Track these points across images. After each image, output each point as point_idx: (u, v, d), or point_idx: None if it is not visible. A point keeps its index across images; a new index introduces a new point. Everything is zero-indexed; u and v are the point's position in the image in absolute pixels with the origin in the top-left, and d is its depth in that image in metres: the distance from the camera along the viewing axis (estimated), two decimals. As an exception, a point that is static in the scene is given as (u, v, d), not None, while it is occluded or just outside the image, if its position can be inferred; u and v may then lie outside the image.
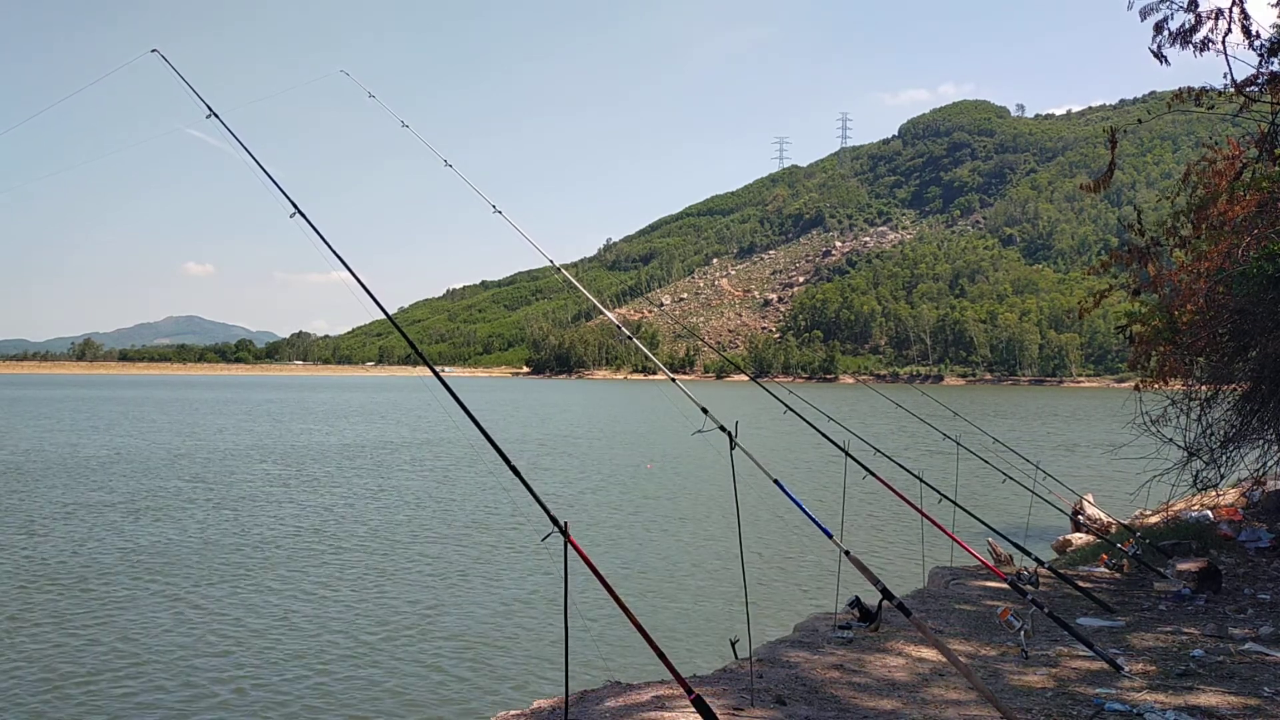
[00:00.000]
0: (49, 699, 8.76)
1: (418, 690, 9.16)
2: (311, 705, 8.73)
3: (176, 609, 11.87)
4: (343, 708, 8.69)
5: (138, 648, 10.25)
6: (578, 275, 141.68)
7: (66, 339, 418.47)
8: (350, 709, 8.66)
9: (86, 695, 8.86)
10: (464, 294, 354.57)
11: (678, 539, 17.22)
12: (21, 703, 8.66)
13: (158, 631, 10.87)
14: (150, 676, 9.38)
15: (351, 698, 8.92)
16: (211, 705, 8.70)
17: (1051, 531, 15.44)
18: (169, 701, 8.77)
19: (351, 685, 9.24)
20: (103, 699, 8.80)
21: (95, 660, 9.82)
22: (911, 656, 6.54)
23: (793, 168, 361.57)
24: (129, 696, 8.87)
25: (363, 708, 8.69)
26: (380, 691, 9.08)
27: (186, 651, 10.17)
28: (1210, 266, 9.75)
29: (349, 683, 9.31)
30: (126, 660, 9.84)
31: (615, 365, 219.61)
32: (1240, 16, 7.93)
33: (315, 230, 4.87)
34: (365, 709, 8.67)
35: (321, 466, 28.18)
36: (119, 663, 9.75)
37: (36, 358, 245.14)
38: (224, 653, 10.15)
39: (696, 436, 5.45)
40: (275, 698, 8.89)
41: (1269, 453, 10.53)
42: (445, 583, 13.53)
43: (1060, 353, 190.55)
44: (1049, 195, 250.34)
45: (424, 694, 9.07)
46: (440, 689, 9.22)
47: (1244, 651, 6.55)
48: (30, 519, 17.94)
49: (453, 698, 8.99)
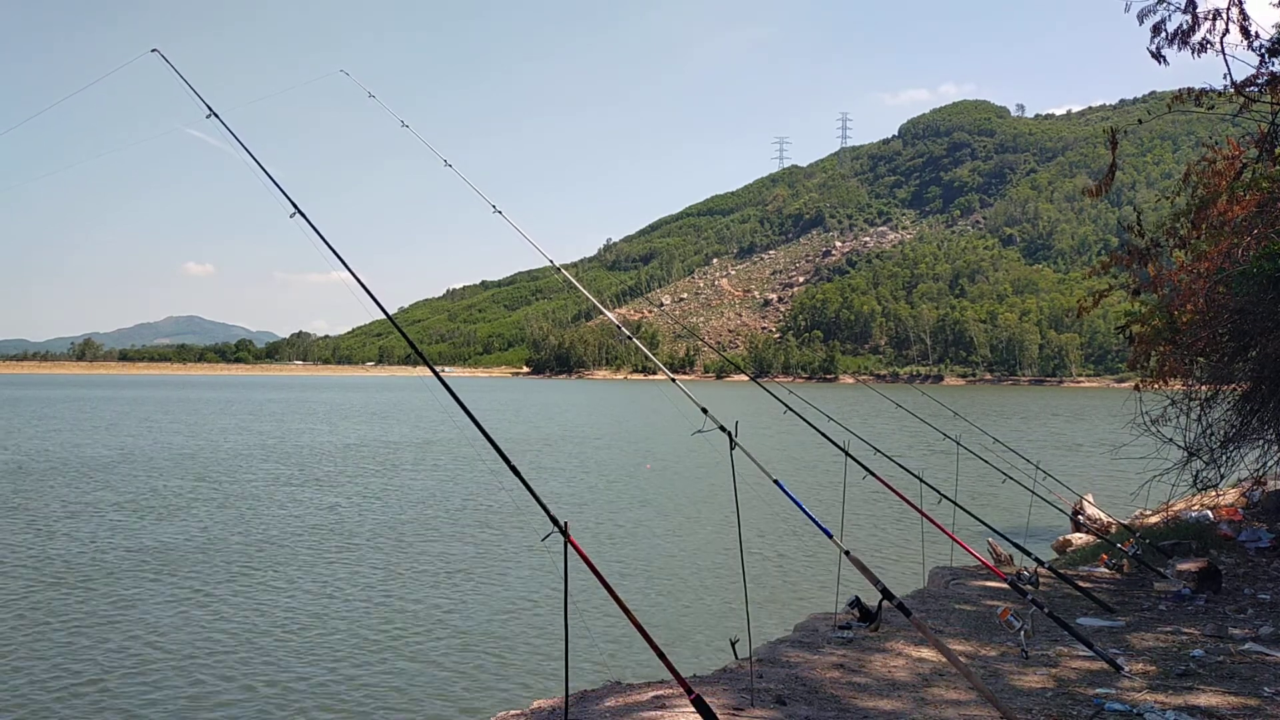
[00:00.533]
0: (61, 696, 8.77)
1: (418, 689, 9.16)
2: (312, 703, 8.74)
3: (181, 608, 11.87)
4: (343, 706, 8.69)
5: (143, 645, 10.25)
6: (578, 275, 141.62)
7: (66, 339, 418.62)
8: (350, 708, 8.67)
9: (98, 694, 8.87)
10: (464, 294, 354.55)
11: (678, 539, 17.22)
12: (29, 701, 8.66)
13: (163, 630, 10.87)
14: (153, 676, 9.38)
15: (351, 696, 8.92)
16: (215, 703, 8.70)
17: (1051, 531, 15.44)
18: (174, 699, 8.77)
19: (351, 684, 9.24)
20: (110, 697, 8.80)
21: (104, 659, 9.82)
22: (911, 656, 6.54)
23: (793, 168, 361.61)
24: (136, 695, 8.87)
25: (363, 706, 8.70)
26: (381, 690, 9.09)
27: (189, 650, 10.17)
28: (1210, 266, 9.75)
29: (349, 682, 9.31)
30: (133, 658, 9.84)
31: (615, 365, 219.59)
32: (1239, 17, 7.93)
33: (315, 230, 4.87)
34: (365, 708, 8.67)
35: (322, 466, 28.18)
36: (127, 661, 9.75)
37: (36, 358, 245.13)
38: (226, 651, 10.15)
39: (696, 436, 5.45)
40: (276, 696, 8.89)
41: (1269, 453, 10.54)
42: (446, 582, 13.54)
43: (1060, 353, 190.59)
44: (1049, 195, 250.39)
45: (424, 693, 9.07)
46: (440, 688, 9.22)
47: (1244, 651, 6.55)
48: (34, 518, 17.94)
49: (453, 697, 9.00)
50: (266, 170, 5.19)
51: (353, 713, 8.60)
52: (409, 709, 8.69)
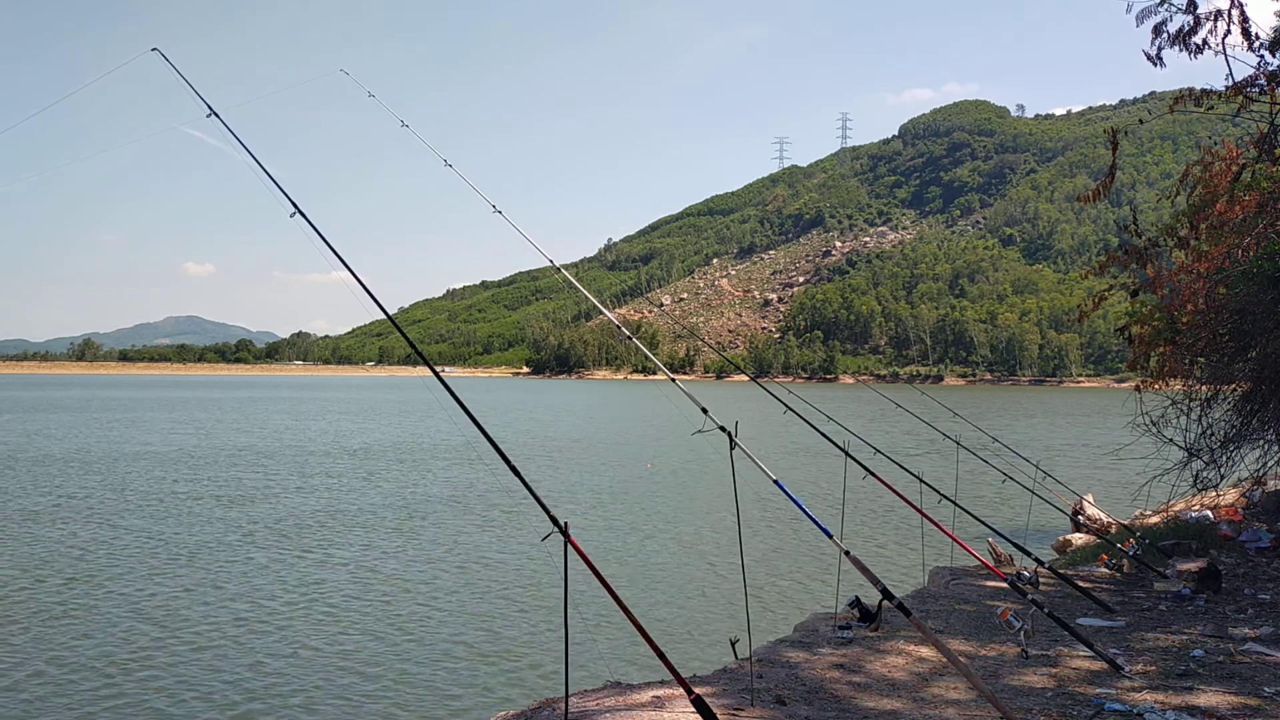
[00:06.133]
0: (69, 691, 8.78)
1: (418, 689, 9.16)
2: (311, 703, 8.73)
3: (185, 608, 11.87)
4: (342, 706, 8.69)
5: (147, 642, 10.26)
6: (578, 275, 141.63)
7: (66, 339, 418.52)
8: (350, 707, 8.67)
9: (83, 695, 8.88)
10: (464, 294, 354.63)
11: (678, 539, 17.22)
12: (33, 695, 8.67)
13: (164, 629, 10.88)
14: (156, 674, 9.39)
15: (351, 696, 8.92)
16: (213, 704, 8.70)
17: (1051, 531, 15.44)
18: (177, 698, 8.77)
19: (351, 683, 9.24)
20: (101, 699, 8.80)
21: (85, 660, 9.83)
22: (911, 656, 6.54)
23: (793, 168, 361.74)
24: (135, 694, 8.88)
25: (363, 706, 8.69)
26: (380, 690, 9.09)
27: (190, 650, 10.17)
28: (1210, 267, 9.75)
29: (349, 681, 9.31)
30: (136, 660, 9.85)
31: (615, 365, 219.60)
32: (1239, 18, 7.92)
33: (315, 230, 4.87)
34: (365, 707, 8.67)
35: (324, 466, 28.18)
36: (127, 663, 9.76)
37: (36, 358, 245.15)
38: (224, 652, 10.15)
39: (696, 436, 5.45)
40: (275, 696, 8.89)
41: (1269, 453, 10.54)
42: (445, 582, 13.54)
43: (1060, 353, 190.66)
44: (1049, 195, 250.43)
45: (424, 693, 9.07)
46: (440, 688, 9.22)
47: (1244, 651, 6.55)
48: (33, 515, 17.96)
49: (453, 697, 9.00)
50: (266, 170, 5.20)
51: (353, 712, 8.59)
52: (409, 709, 8.69)
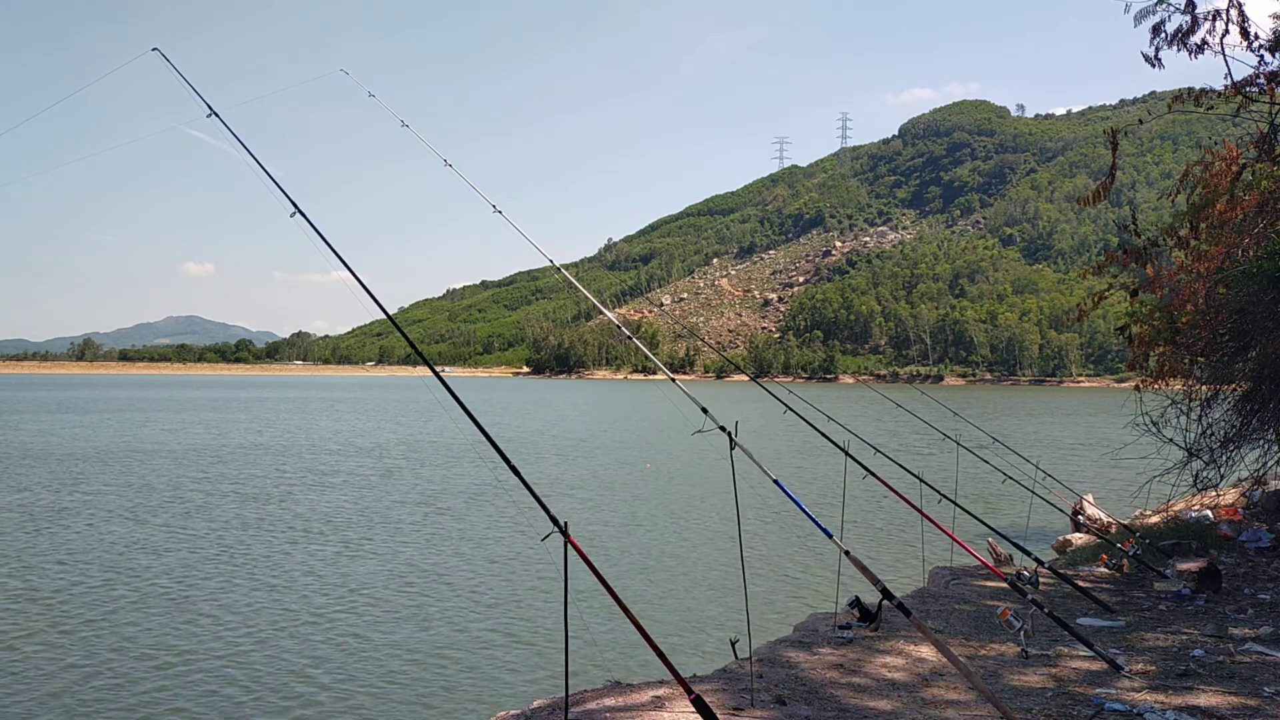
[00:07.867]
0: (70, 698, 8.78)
1: (417, 689, 9.16)
2: (310, 703, 8.73)
3: (185, 607, 11.87)
4: (342, 705, 8.69)
5: (149, 642, 10.26)
6: (578, 275, 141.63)
7: (66, 339, 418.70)
8: (349, 707, 8.66)
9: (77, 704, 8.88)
10: (464, 294, 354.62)
11: (678, 539, 17.22)
12: (38, 697, 8.67)
13: (163, 630, 10.87)
14: (157, 675, 9.39)
15: (350, 695, 8.91)
16: (214, 704, 8.70)
17: (1051, 531, 15.44)
18: (176, 700, 8.77)
19: (351, 683, 9.24)
20: (95, 706, 8.81)
21: (87, 669, 9.83)
22: (911, 656, 6.54)
23: (793, 168, 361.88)
24: (134, 697, 8.88)
25: (362, 706, 8.69)
26: (380, 690, 9.08)
27: (190, 650, 10.17)
28: (1210, 267, 9.75)
29: (348, 681, 9.31)
30: (135, 663, 9.85)
31: (615, 365, 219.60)
32: (1238, 18, 7.92)
33: (315, 230, 4.87)
34: (365, 707, 8.67)
35: (323, 465, 28.18)
36: (124, 668, 9.76)
37: (36, 358, 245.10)
38: (224, 652, 10.15)
39: (696, 436, 5.45)
40: (275, 696, 8.89)
41: (1269, 453, 10.55)
42: (445, 582, 13.53)
43: (1060, 353, 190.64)
44: (1049, 195, 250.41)
45: (423, 693, 9.07)
46: (440, 688, 9.22)
47: (1244, 651, 6.55)
48: (65, 511, 17.96)
49: (453, 697, 9.00)
50: (266, 170, 5.20)
51: (352, 712, 8.59)
52: (409, 708, 8.69)
